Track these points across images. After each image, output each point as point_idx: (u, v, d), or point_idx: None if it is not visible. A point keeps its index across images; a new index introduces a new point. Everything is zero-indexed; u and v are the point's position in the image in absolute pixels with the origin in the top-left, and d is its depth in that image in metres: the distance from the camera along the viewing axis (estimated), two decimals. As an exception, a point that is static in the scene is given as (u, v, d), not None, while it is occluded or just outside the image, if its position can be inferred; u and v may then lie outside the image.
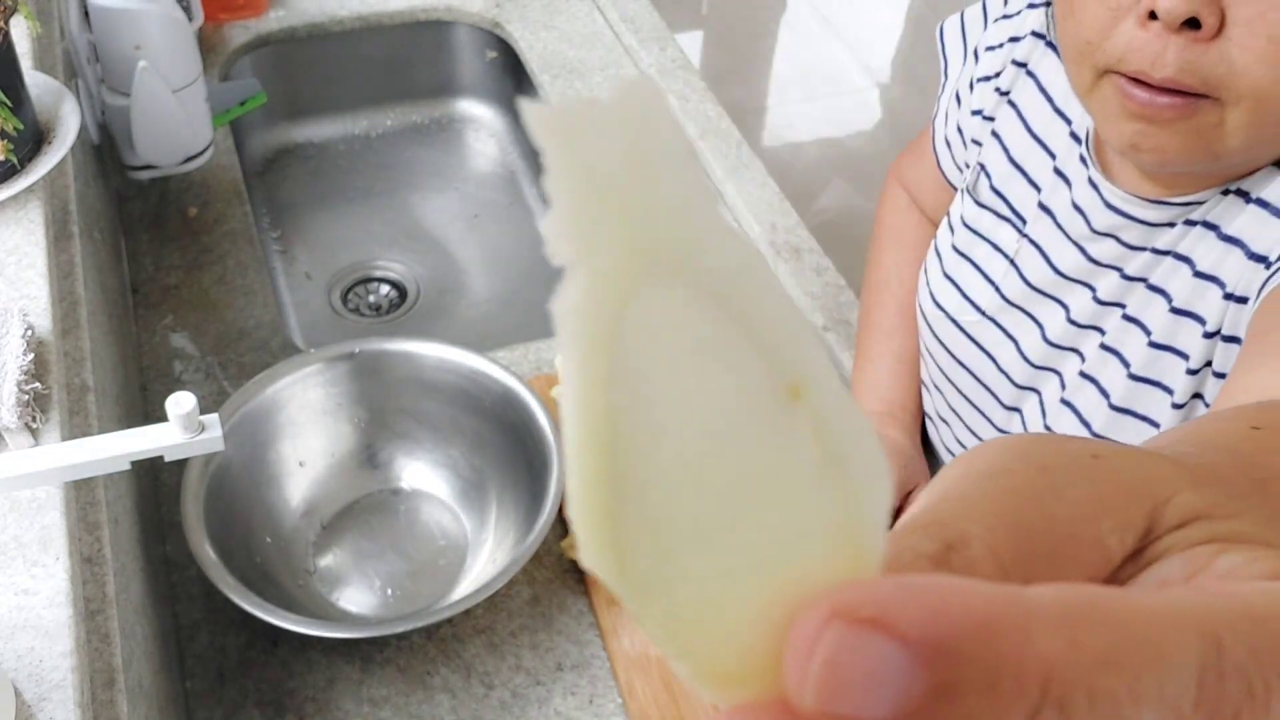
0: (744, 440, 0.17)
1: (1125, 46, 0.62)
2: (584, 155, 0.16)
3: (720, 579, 0.17)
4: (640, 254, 0.17)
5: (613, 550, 0.16)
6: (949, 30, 0.93)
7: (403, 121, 1.54)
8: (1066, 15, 0.67)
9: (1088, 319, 0.77)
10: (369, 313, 1.32)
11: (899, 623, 0.14)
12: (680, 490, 0.16)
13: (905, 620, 0.14)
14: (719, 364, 0.17)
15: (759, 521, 0.17)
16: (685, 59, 1.40)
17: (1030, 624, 0.14)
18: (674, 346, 0.17)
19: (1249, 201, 0.67)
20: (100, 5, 1.01)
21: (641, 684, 0.82)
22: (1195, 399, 0.71)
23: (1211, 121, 0.62)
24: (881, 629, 0.14)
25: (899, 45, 3.07)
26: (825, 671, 0.15)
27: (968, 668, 0.14)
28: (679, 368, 0.17)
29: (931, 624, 0.14)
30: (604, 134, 0.17)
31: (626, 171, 0.17)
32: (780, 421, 0.17)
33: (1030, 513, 0.18)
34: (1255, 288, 0.65)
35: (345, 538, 0.91)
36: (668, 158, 0.17)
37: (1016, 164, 0.84)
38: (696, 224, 0.17)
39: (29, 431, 0.67)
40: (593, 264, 0.16)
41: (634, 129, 0.17)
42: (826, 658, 0.15)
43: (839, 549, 0.17)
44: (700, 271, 0.17)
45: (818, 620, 0.15)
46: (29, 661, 0.58)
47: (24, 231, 0.79)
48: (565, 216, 0.16)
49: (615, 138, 0.17)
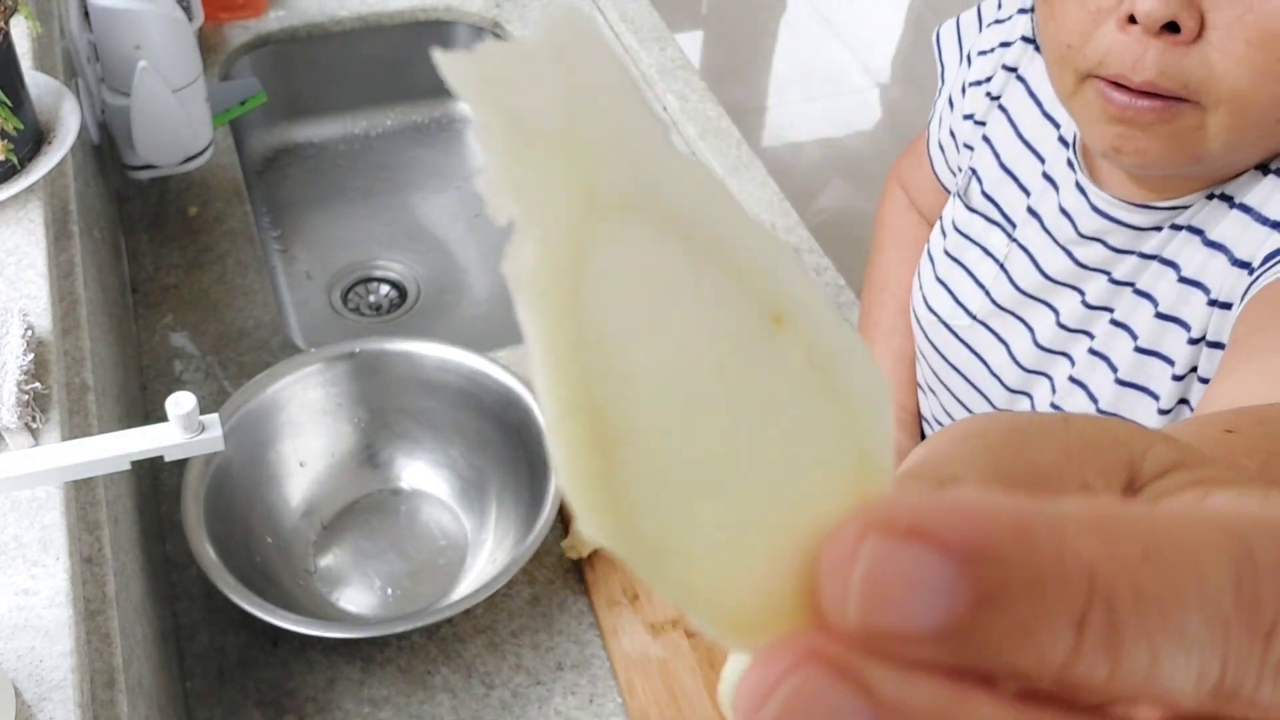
0: (733, 377, 0.16)
1: (1105, 50, 0.63)
2: (511, 101, 0.15)
3: (731, 525, 0.16)
4: (590, 197, 0.15)
5: (612, 516, 0.15)
6: (945, 35, 0.93)
7: (403, 121, 1.54)
8: (1048, 19, 0.67)
9: (1077, 323, 0.77)
10: (369, 312, 1.32)
11: (938, 531, 0.14)
12: (675, 442, 0.15)
13: (943, 529, 0.14)
14: (694, 302, 0.16)
15: (762, 458, 0.16)
16: (685, 59, 1.40)
17: (1066, 528, 0.14)
18: (643, 291, 0.15)
19: (1232, 206, 0.67)
20: (100, 5, 1.01)
21: (641, 684, 0.82)
22: (1181, 404, 0.71)
23: (1192, 125, 0.62)
24: (922, 539, 0.14)
25: (899, 45, 3.07)
26: (868, 584, 0.14)
27: (1011, 570, 0.14)
28: (652, 313, 0.15)
29: (970, 530, 0.14)
30: (532, 75, 0.15)
31: (561, 112, 0.15)
32: (768, 351, 0.16)
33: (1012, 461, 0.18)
34: (1239, 294, 0.65)
35: (345, 538, 0.91)
36: (605, 91, 0.16)
37: (1007, 169, 0.84)
38: (646, 156, 0.16)
39: (29, 431, 0.67)
40: (540, 220, 0.15)
41: (565, 65, 0.15)
42: (868, 570, 0.14)
43: (849, 473, 0.16)
44: (658, 206, 0.16)
45: (853, 537, 0.15)
46: (29, 661, 0.57)
47: (24, 231, 0.79)
48: (501, 171, 0.15)
49: (545, 78, 0.15)
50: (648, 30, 1.44)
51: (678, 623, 0.85)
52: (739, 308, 0.16)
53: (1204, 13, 0.59)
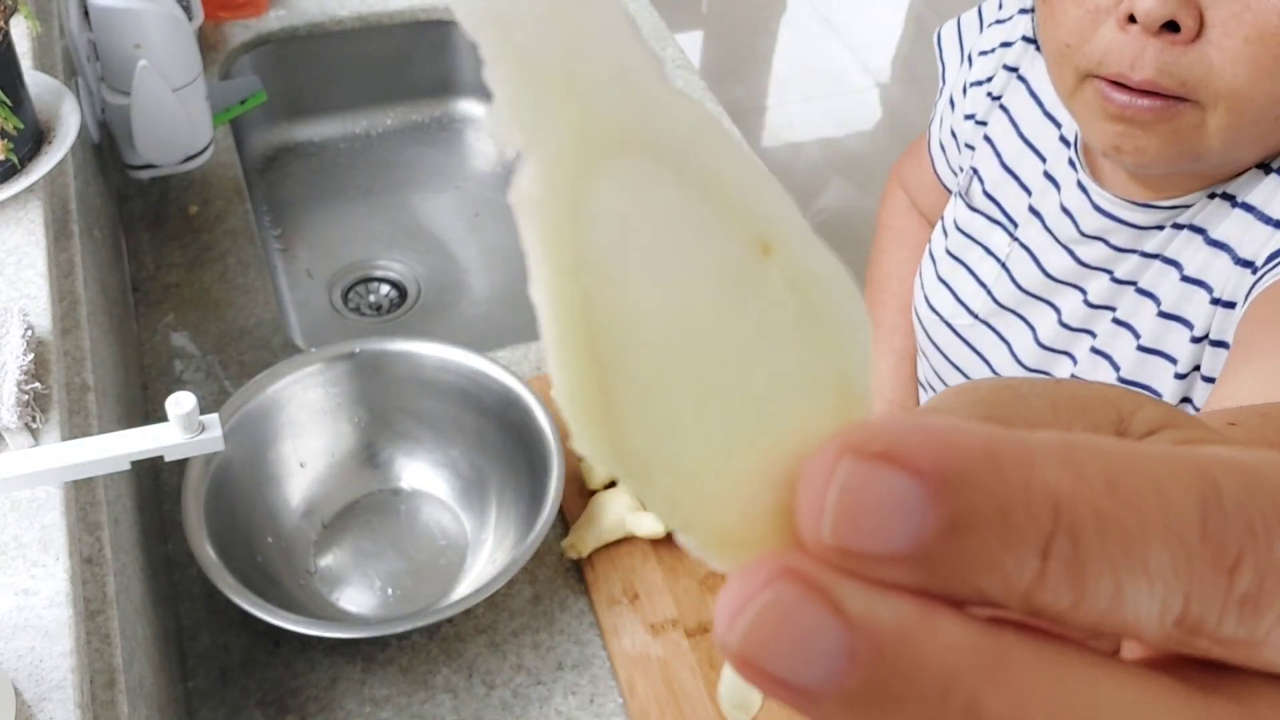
0: (721, 303, 0.16)
1: (1105, 50, 0.63)
2: (517, 38, 0.16)
3: (717, 444, 0.16)
4: (590, 131, 0.16)
5: (605, 433, 0.16)
6: (946, 36, 0.93)
7: (403, 121, 1.54)
8: (1047, 18, 0.67)
9: (1079, 322, 0.77)
10: (369, 312, 1.32)
11: (911, 456, 0.15)
12: (665, 364, 0.16)
13: (916, 453, 0.15)
14: (686, 231, 0.16)
15: (747, 382, 0.16)
16: (685, 59, 1.40)
17: (1035, 457, 0.15)
18: (638, 221, 0.16)
19: (1235, 205, 0.67)
20: (100, 4, 1.01)
21: (642, 683, 0.82)
22: (1184, 403, 0.71)
23: (1192, 123, 0.62)
24: (894, 462, 0.15)
25: (899, 45, 3.07)
26: (841, 505, 0.15)
27: (978, 496, 0.14)
28: (646, 242, 0.16)
29: (942, 456, 0.14)
30: (536, 13, 0.16)
31: (562, 47, 0.16)
32: (755, 278, 0.17)
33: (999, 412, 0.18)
34: (1242, 293, 0.65)
35: (346, 538, 0.91)
36: (604, 28, 0.17)
37: (1008, 168, 0.84)
38: (642, 92, 0.17)
39: (29, 431, 0.67)
40: (543, 150, 0.16)
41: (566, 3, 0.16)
42: (841, 490, 0.15)
43: (829, 397, 0.17)
44: (653, 140, 0.16)
45: (829, 458, 0.15)
46: (29, 661, 0.57)
47: (24, 231, 0.79)
48: (508, 105, 0.16)
49: (548, 16, 0.16)
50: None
51: (678, 622, 0.85)
52: (728, 237, 0.17)
53: (1203, 11, 0.59)
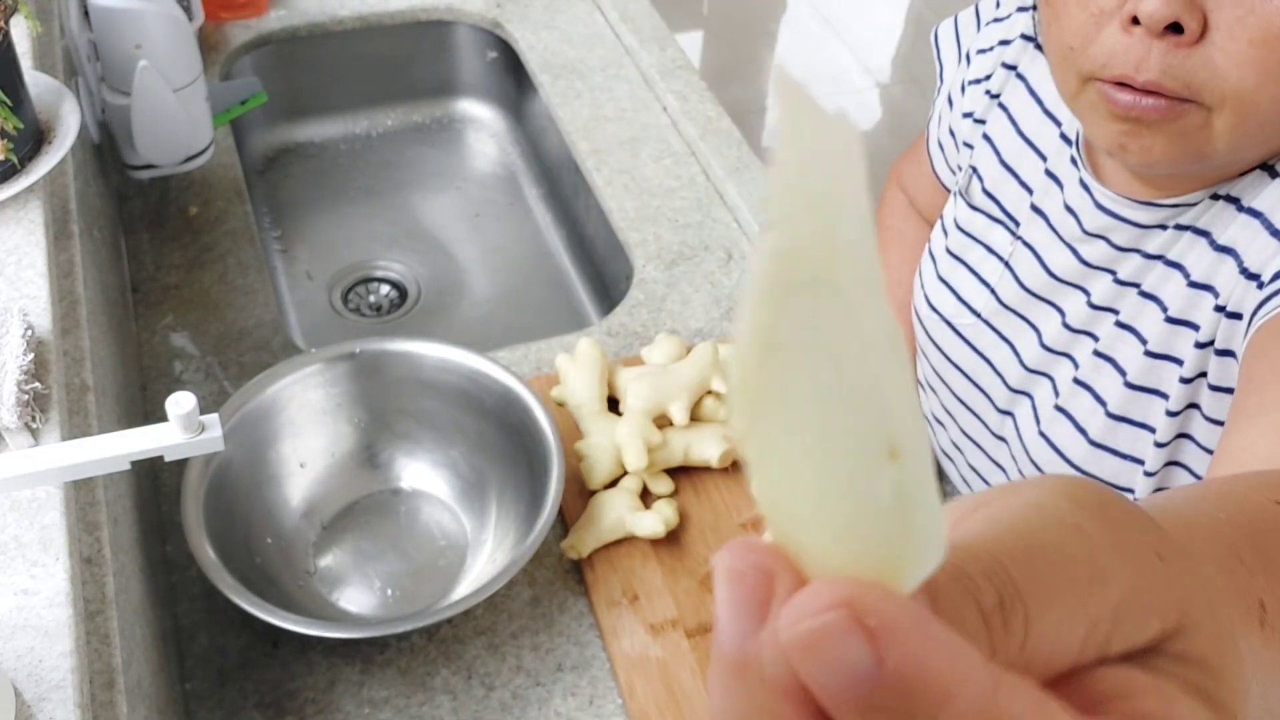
0: (842, 457, 0.19)
1: (1109, 52, 0.63)
2: (805, 143, 0.18)
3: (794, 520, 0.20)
4: (820, 258, 0.18)
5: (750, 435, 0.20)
6: (943, 34, 0.93)
7: (403, 121, 1.54)
8: (1050, 21, 0.67)
9: (1082, 324, 0.77)
10: (369, 313, 1.32)
11: (890, 648, 0.17)
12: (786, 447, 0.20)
13: (896, 650, 0.17)
14: (848, 387, 0.19)
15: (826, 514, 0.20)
16: (685, 59, 1.40)
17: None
18: (816, 349, 0.19)
19: (1240, 210, 0.67)
20: (100, 4, 1.01)
21: (642, 684, 0.82)
22: (1191, 409, 0.71)
23: (1197, 124, 0.62)
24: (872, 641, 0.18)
25: (899, 45, 3.07)
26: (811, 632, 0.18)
27: (904, 715, 0.17)
28: (819, 365, 0.19)
29: (911, 668, 0.17)
30: (826, 148, 0.18)
31: (831, 192, 0.18)
32: (874, 466, 0.19)
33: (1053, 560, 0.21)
34: (1248, 307, 0.65)
35: (345, 538, 0.91)
36: (856, 200, 0.19)
37: (1008, 166, 0.84)
38: (867, 270, 0.19)
39: (29, 431, 0.67)
40: (790, 238, 0.18)
41: (841, 162, 0.18)
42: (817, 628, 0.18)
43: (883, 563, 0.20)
44: (856, 313, 0.19)
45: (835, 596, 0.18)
46: (29, 661, 0.57)
47: (24, 231, 0.79)
48: (773, 184, 0.18)
49: (832, 157, 0.18)
50: (648, 30, 1.44)
51: (677, 623, 0.85)
52: (874, 422, 0.19)
53: (1207, 13, 0.59)
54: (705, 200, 1.24)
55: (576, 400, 0.96)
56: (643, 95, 1.38)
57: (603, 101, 1.37)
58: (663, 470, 0.94)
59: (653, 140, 1.31)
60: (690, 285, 1.14)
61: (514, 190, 1.48)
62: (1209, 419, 0.70)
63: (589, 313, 1.32)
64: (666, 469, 0.94)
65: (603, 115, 1.35)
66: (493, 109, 1.55)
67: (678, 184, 1.26)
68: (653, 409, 0.93)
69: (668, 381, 0.94)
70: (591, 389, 0.96)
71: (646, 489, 0.93)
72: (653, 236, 1.19)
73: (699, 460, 0.94)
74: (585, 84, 1.39)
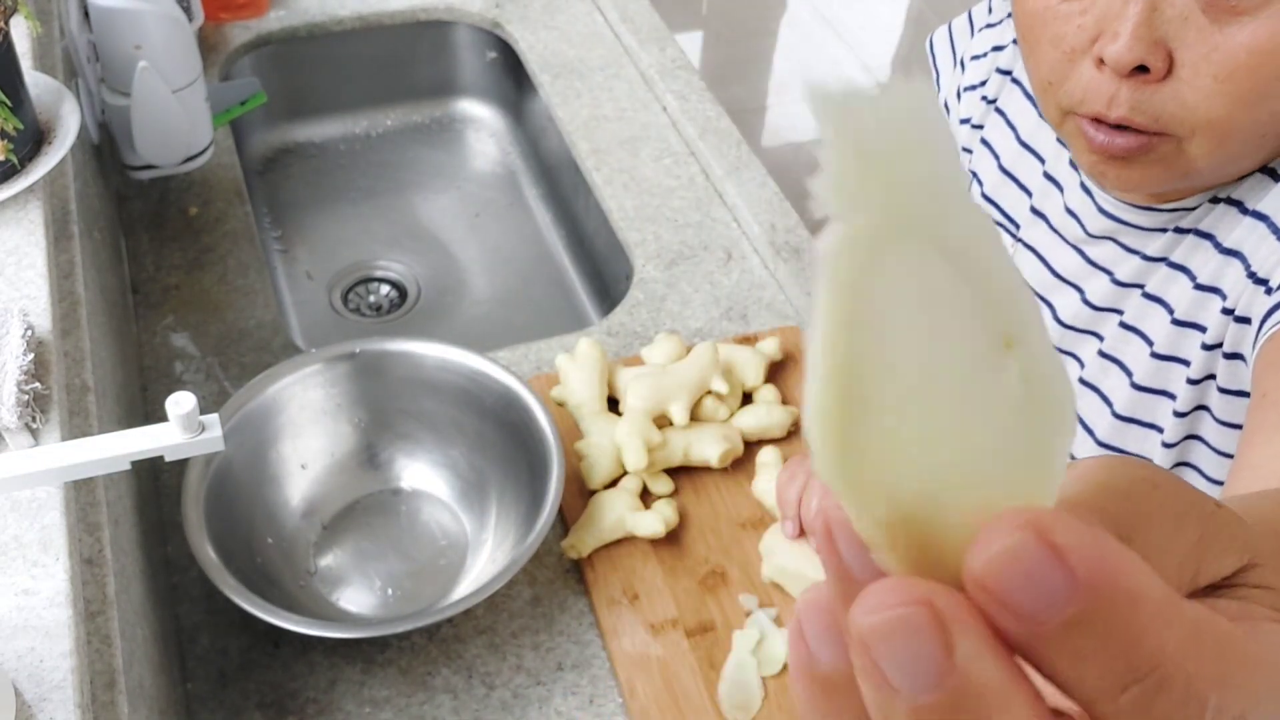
0: (962, 378, 0.20)
1: (1083, 89, 0.64)
2: (859, 126, 0.19)
3: (929, 492, 0.20)
4: (895, 215, 0.20)
5: (841, 464, 0.20)
6: (938, 41, 0.94)
7: (403, 121, 1.54)
8: (1028, 56, 0.69)
9: (1083, 323, 0.77)
10: (369, 313, 1.32)
11: (1076, 561, 0.18)
12: (903, 414, 0.20)
13: (1081, 562, 0.18)
14: (948, 313, 0.20)
15: (965, 449, 0.20)
16: (685, 59, 1.40)
17: (1172, 625, 0.18)
18: (911, 296, 0.20)
19: (1244, 213, 0.67)
20: (100, 5, 1.01)
21: (642, 684, 0.82)
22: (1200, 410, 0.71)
23: (1171, 152, 0.64)
24: (1060, 556, 0.18)
25: (899, 45, 3.07)
26: (1003, 558, 0.18)
27: (1102, 622, 0.18)
28: (913, 314, 0.20)
29: (1098, 577, 0.18)
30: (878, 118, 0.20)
31: (894, 146, 0.20)
32: (994, 365, 0.20)
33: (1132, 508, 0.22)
34: (1256, 311, 0.65)
35: (346, 538, 0.91)
36: (932, 141, 0.20)
37: (1007, 171, 0.84)
38: (944, 198, 0.20)
39: (29, 431, 0.67)
40: (852, 219, 0.19)
41: (904, 117, 0.20)
42: (1007, 548, 0.18)
43: (1026, 478, 0.20)
44: (941, 236, 0.20)
45: (1013, 525, 0.18)
46: (29, 662, 0.57)
47: (24, 231, 0.79)
48: (834, 175, 0.19)
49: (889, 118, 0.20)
50: (648, 30, 1.44)
51: (678, 623, 0.85)
52: (981, 325, 0.20)
53: (1172, 52, 0.60)
54: (705, 200, 1.24)
55: (576, 400, 0.96)
56: (642, 95, 1.38)
57: (602, 101, 1.37)
58: (663, 470, 0.94)
59: (652, 140, 1.31)
60: (690, 285, 1.14)
61: (514, 190, 1.48)
62: (1220, 421, 0.70)
63: (589, 313, 1.32)
64: (666, 469, 0.94)
65: (602, 115, 1.35)
66: (493, 109, 1.55)
67: (677, 184, 1.26)
68: (653, 409, 0.93)
69: (668, 381, 0.94)
70: (591, 389, 0.96)
71: (646, 489, 0.93)
72: (652, 236, 1.19)
73: (699, 460, 0.94)
74: (585, 84, 1.39)
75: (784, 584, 0.87)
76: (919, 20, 3.11)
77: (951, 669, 0.18)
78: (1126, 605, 0.18)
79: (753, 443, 0.97)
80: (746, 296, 1.13)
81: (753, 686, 0.81)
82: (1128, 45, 0.59)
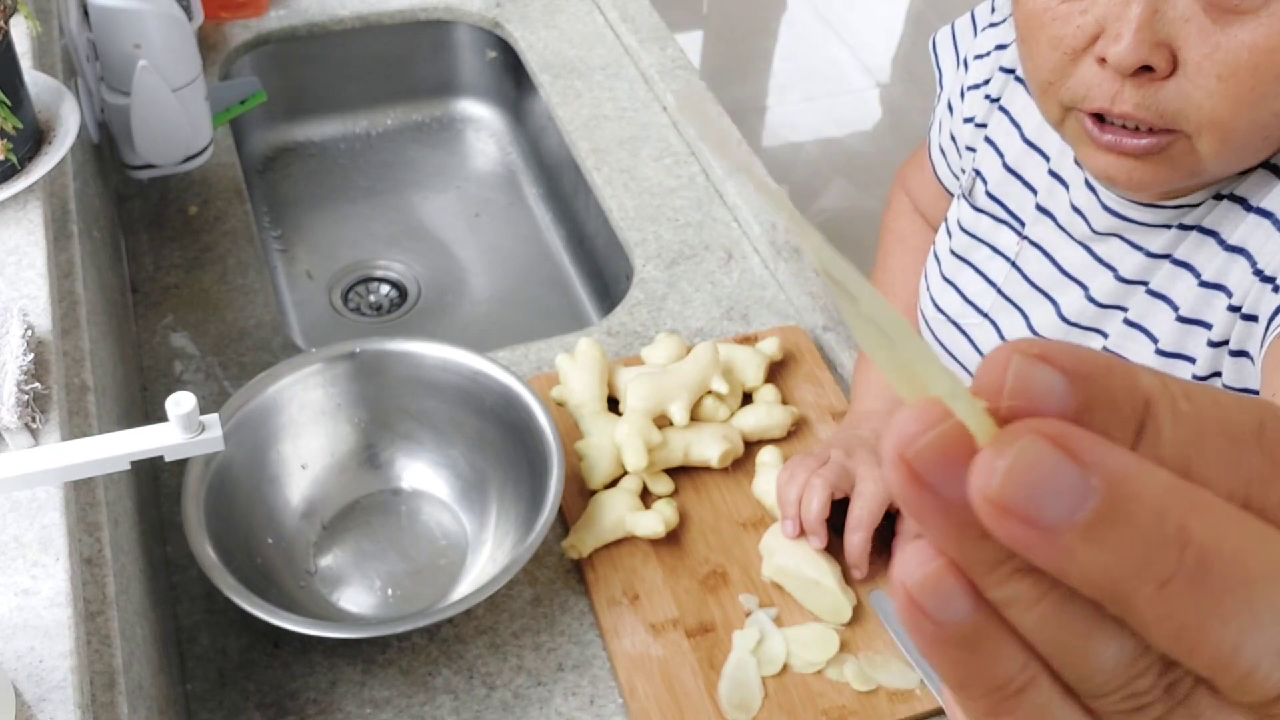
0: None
1: (1086, 85, 0.64)
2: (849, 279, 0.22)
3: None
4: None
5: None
6: (941, 41, 0.94)
7: (403, 121, 1.54)
8: (1027, 57, 0.69)
9: (1088, 320, 0.77)
10: (369, 312, 1.32)
11: (1060, 361, 0.20)
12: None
13: (1062, 360, 0.20)
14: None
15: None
16: (685, 59, 1.40)
17: (1138, 373, 0.20)
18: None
19: (1249, 210, 0.67)
20: (100, 4, 1.01)
21: (643, 684, 0.82)
22: None
23: (1183, 150, 0.63)
24: (1049, 362, 0.20)
25: (899, 45, 3.07)
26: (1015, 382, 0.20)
27: (1098, 390, 0.20)
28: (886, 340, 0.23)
29: (1078, 363, 0.20)
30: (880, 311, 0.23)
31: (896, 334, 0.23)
32: None
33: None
34: (1264, 309, 0.65)
35: (346, 538, 0.91)
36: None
37: (1011, 169, 0.84)
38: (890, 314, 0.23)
39: (29, 431, 0.67)
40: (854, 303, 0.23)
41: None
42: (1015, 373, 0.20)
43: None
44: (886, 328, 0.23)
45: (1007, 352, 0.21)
46: (29, 662, 0.57)
47: (24, 231, 0.79)
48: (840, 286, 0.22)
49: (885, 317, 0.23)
50: (648, 30, 1.44)
51: (678, 623, 0.85)
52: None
53: (1175, 50, 0.60)
54: (705, 200, 1.24)
55: (576, 400, 0.96)
56: (642, 95, 1.38)
57: (602, 101, 1.37)
58: (663, 470, 0.94)
59: (652, 140, 1.31)
60: (690, 285, 1.14)
61: (514, 190, 1.48)
62: None
63: (589, 312, 1.32)
64: (666, 469, 0.94)
65: (602, 115, 1.35)
66: (492, 109, 1.55)
67: (677, 183, 1.26)
68: (653, 409, 0.93)
69: (668, 381, 0.94)
70: (591, 389, 0.96)
71: (646, 489, 0.93)
72: (652, 236, 1.19)
73: (699, 460, 0.94)
74: (585, 83, 1.39)
75: (784, 584, 0.87)
76: (919, 20, 3.11)
77: (1092, 466, 0.19)
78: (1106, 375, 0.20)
79: (753, 443, 0.97)
80: (747, 296, 1.13)
81: (753, 686, 0.81)
82: (1131, 47, 0.59)
